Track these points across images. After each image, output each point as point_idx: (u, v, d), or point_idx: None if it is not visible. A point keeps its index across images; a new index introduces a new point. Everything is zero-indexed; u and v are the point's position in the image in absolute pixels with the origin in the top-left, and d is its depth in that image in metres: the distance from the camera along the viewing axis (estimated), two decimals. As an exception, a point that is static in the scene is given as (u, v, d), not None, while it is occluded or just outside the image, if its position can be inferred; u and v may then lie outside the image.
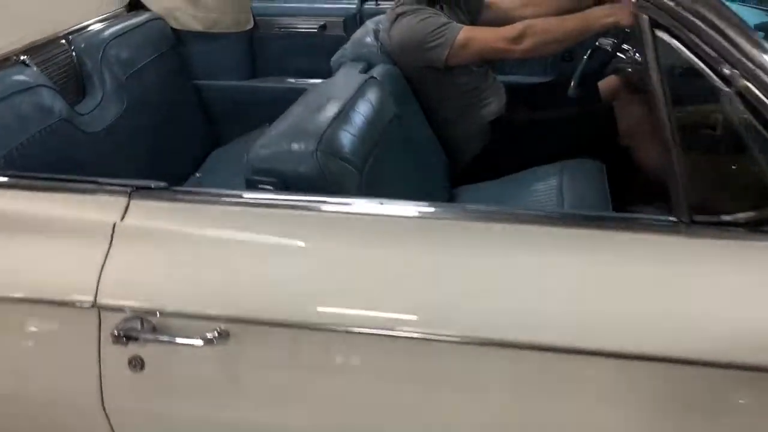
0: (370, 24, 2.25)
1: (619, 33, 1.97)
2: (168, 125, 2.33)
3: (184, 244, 1.12)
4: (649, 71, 1.06)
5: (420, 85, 2.06)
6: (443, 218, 1.12)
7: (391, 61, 2.03)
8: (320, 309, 1.05)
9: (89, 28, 2.19)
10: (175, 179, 2.38)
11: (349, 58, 2.04)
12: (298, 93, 2.67)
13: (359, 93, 1.60)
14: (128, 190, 1.18)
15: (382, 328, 1.03)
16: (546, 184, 1.97)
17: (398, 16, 2.02)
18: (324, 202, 1.13)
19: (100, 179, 1.22)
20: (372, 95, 1.64)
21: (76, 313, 1.11)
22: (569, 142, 2.10)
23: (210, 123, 2.63)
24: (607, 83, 2.25)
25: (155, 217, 1.16)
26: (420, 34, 1.97)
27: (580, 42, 1.99)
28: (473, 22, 2.21)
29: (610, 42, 2.06)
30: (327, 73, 2.62)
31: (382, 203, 1.11)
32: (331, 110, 1.46)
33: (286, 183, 1.32)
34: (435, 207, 1.13)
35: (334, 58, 2.12)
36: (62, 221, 1.16)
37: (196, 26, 2.52)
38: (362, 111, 1.54)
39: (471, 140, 2.15)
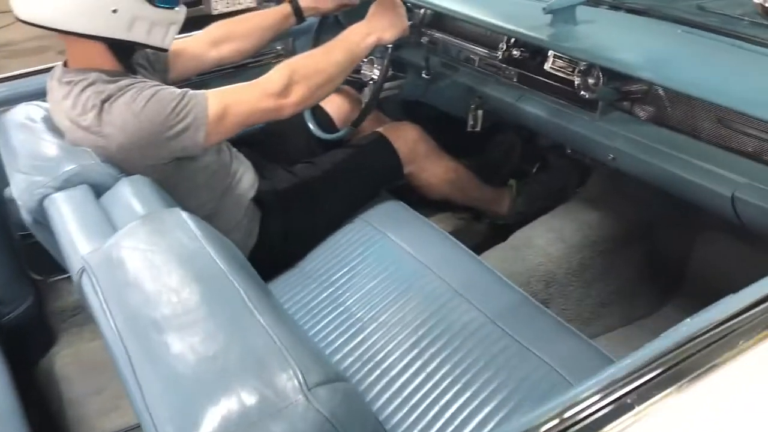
0: (26, 122, 1.45)
1: (383, 53, 1.65)
2: None
3: None
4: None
5: (161, 185, 1.41)
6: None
7: (117, 169, 1.34)
8: None
9: None
10: None
11: (54, 187, 1.27)
12: None
13: (201, 247, 0.96)
14: None
15: None
16: (373, 249, 1.59)
17: (103, 103, 1.32)
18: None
19: None
20: (214, 240, 1.00)
21: None
22: (357, 190, 1.74)
23: None
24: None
25: None
26: (155, 120, 1.32)
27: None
28: (165, 80, 1.62)
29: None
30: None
31: None
32: (244, 309, 0.83)
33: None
34: None
35: (21, 194, 1.29)
36: None
37: None
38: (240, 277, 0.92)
39: (242, 230, 1.60)
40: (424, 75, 1.85)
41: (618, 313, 1.77)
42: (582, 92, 1.49)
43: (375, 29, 1.56)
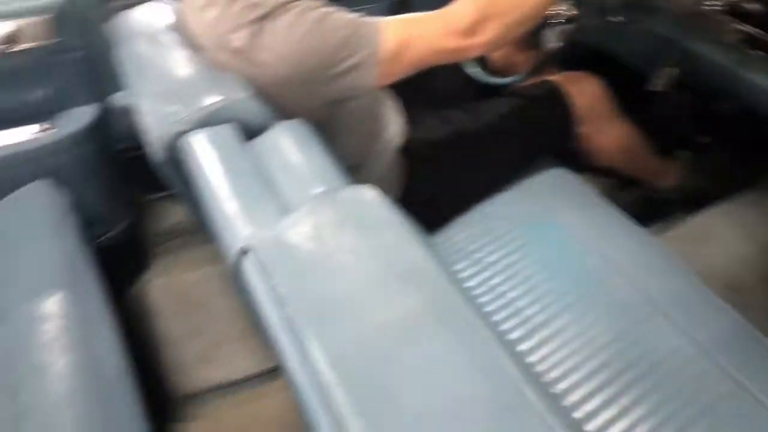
0: (151, 28, 1.20)
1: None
2: None
3: None
4: None
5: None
6: None
7: (270, 106, 1.09)
8: None
9: None
10: None
11: (193, 122, 1.02)
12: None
13: (418, 253, 0.72)
14: None
15: None
16: (536, 230, 1.32)
17: (261, 21, 1.05)
18: None
19: None
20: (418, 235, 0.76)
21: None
22: (521, 150, 1.46)
23: None
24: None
25: None
26: (321, 52, 1.06)
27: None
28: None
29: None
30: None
31: None
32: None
33: None
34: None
35: (151, 125, 1.06)
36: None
37: None
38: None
39: (386, 182, 1.35)
40: (609, 18, 1.51)
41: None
42: None
43: None
